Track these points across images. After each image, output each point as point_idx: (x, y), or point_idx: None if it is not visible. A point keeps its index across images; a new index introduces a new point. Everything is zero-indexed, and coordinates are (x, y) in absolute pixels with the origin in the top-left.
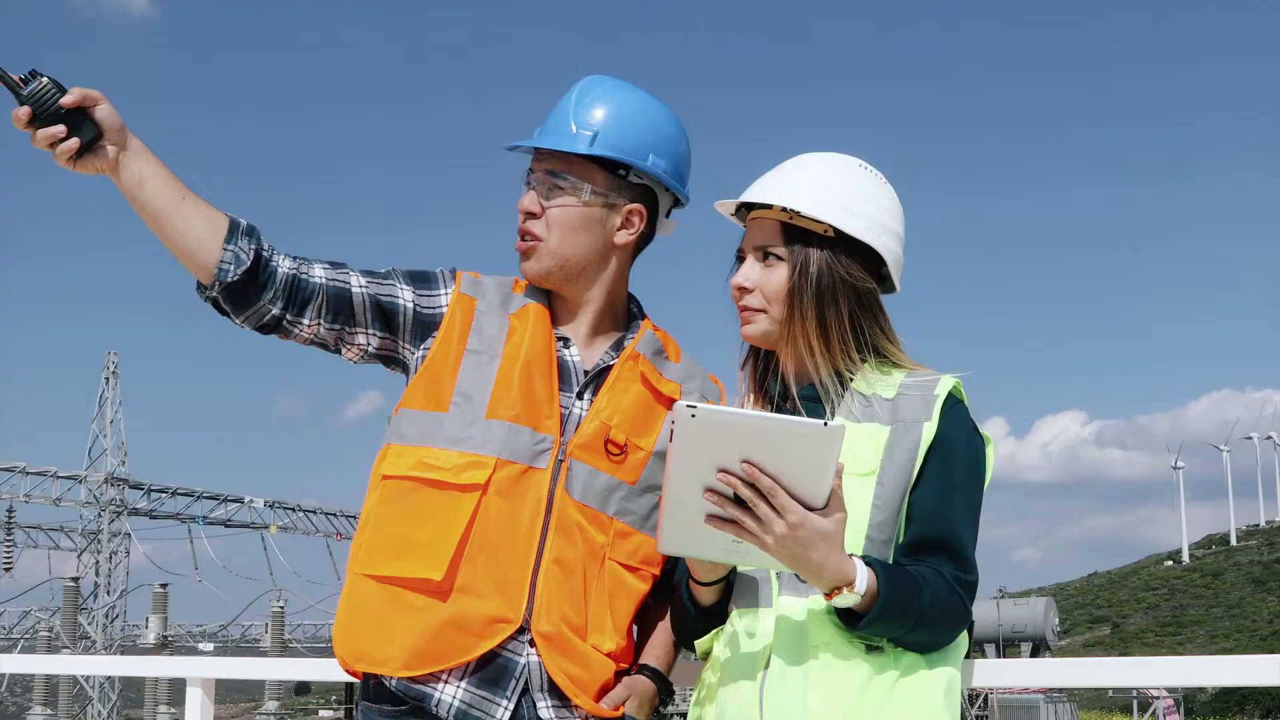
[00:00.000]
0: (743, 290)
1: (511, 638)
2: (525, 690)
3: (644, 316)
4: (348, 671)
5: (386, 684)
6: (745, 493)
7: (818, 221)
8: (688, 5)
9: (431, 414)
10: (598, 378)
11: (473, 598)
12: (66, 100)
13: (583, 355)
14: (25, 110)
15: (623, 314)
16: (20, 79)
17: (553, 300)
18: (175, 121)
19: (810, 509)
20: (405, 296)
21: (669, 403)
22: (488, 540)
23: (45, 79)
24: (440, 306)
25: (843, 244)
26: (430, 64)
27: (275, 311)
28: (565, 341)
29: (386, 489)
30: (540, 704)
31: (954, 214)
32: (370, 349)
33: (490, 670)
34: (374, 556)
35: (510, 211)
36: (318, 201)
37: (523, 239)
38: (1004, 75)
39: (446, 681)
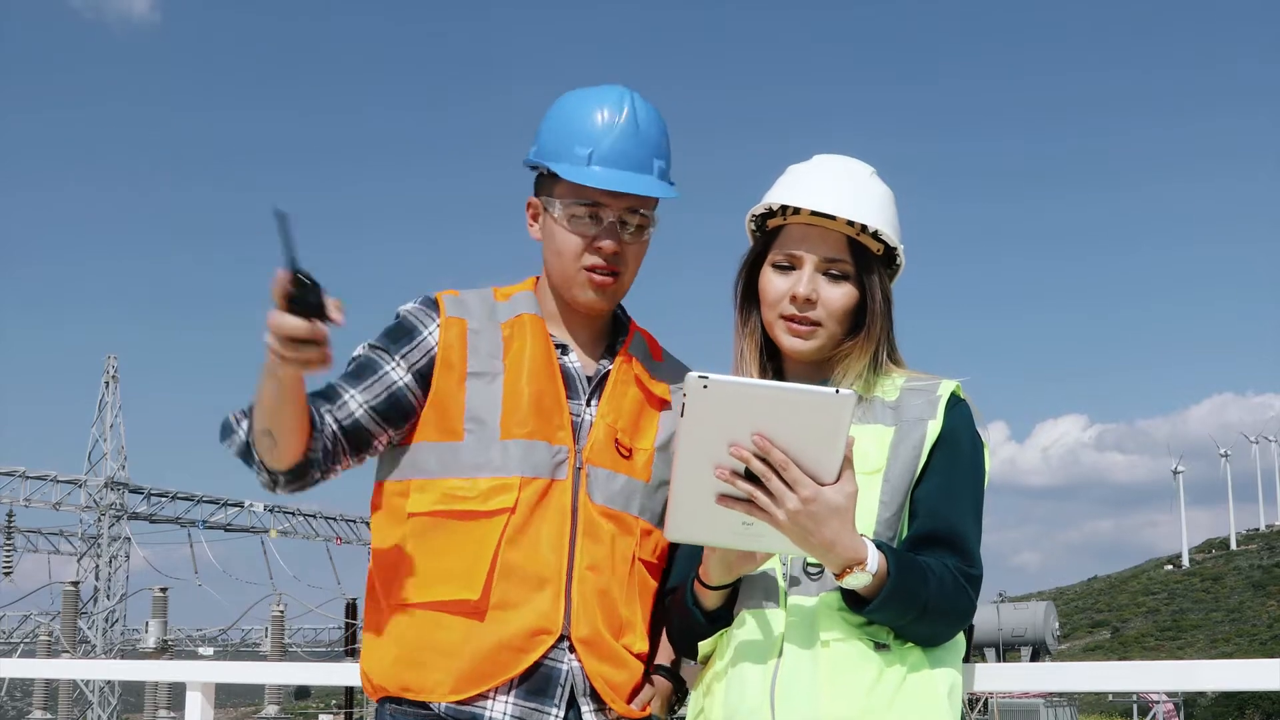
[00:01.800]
0: (809, 303)
1: (553, 646)
2: (571, 697)
3: (629, 318)
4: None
5: (433, 709)
6: (757, 466)
7: (878, 241)
8: (680, 8)
9: (448, 444)
10: (600, 383)
11: (512, 613)
12: (333, 315)
13: (582, 361)
14: (289, 303)
15: (611, 317)
16: (308, 279)
17: (544, 306)
18: (177, 125)
19: (821, 484)
20: (397, 374)
21: (660, 403)
22: (520, 556)
23: (319, 286)
24: (430, 348)
25: (885, 261)
26: (433, 67)
27: (316, 479)
28: (564, 349)
29: (414, 526)
30: (585, 709)
31: (954, 216)
32: (397, 440)
33: (535, 680)
34: (408, 588)
35: (515, 216)
36: (320, 204)
37: (605, 274)
38: (1004, 77)
39: (494, 698)
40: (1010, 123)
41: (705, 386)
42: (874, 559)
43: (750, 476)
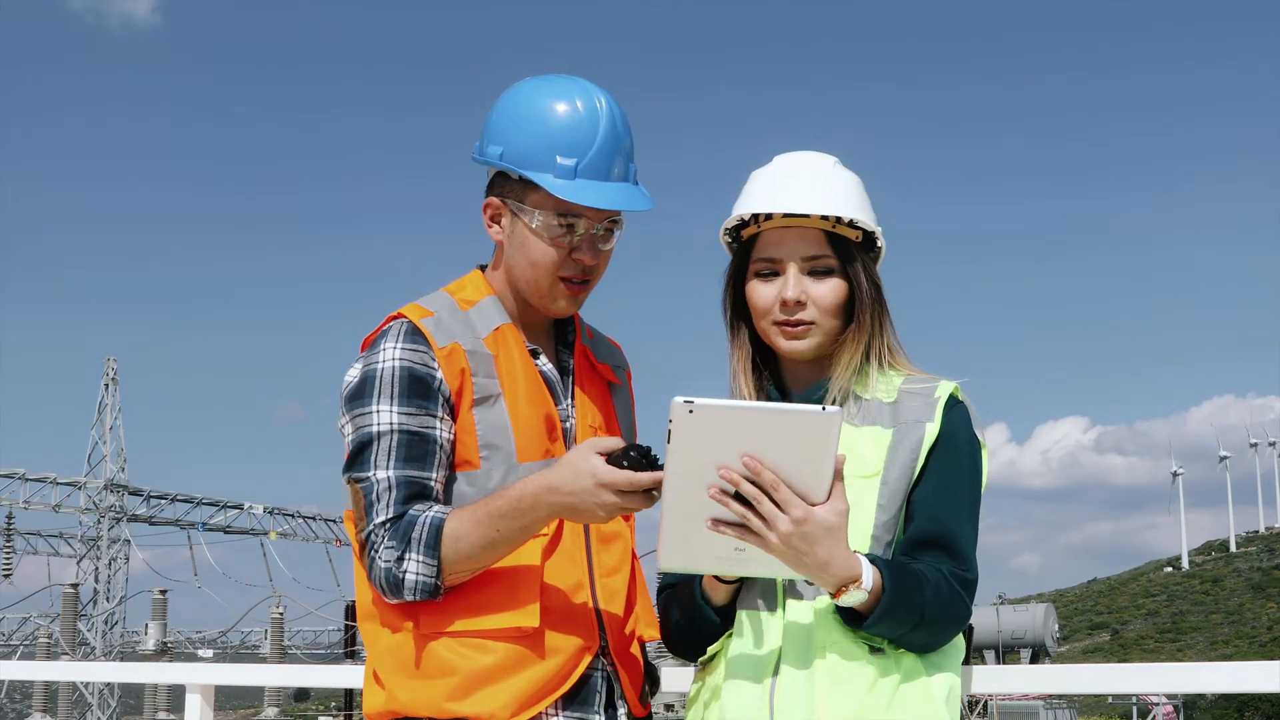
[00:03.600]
0: (798, 305)
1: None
2: (608, 699)
3: None
4: None
5: None
6: (748, 489)
7: (854, 229)
8: (657, 8)
9: (473, 473)
10: (565, 380)
11: (559, 632)
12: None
13: (551, 364)
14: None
15: None
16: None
17: (509, 310)
18: (178, 127)
19: (812, 504)
20: (443, 434)
21: (604, 384)
22: (556, 574)
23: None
24: (447, 393)
25: (866, 247)
26: (433, 69)
27: None
28: (535, 353)
29: None
30: (620, 711)
31: (954, 218)
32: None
33: (578, 690)
34: (451, 617)
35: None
36: (321, 205)
37: (580, 283)
38: (1006, 77)
39: (547, 716)
40: (1009, 123)
41: (691, 411)
42: (869, 575)
43: (741, 499)
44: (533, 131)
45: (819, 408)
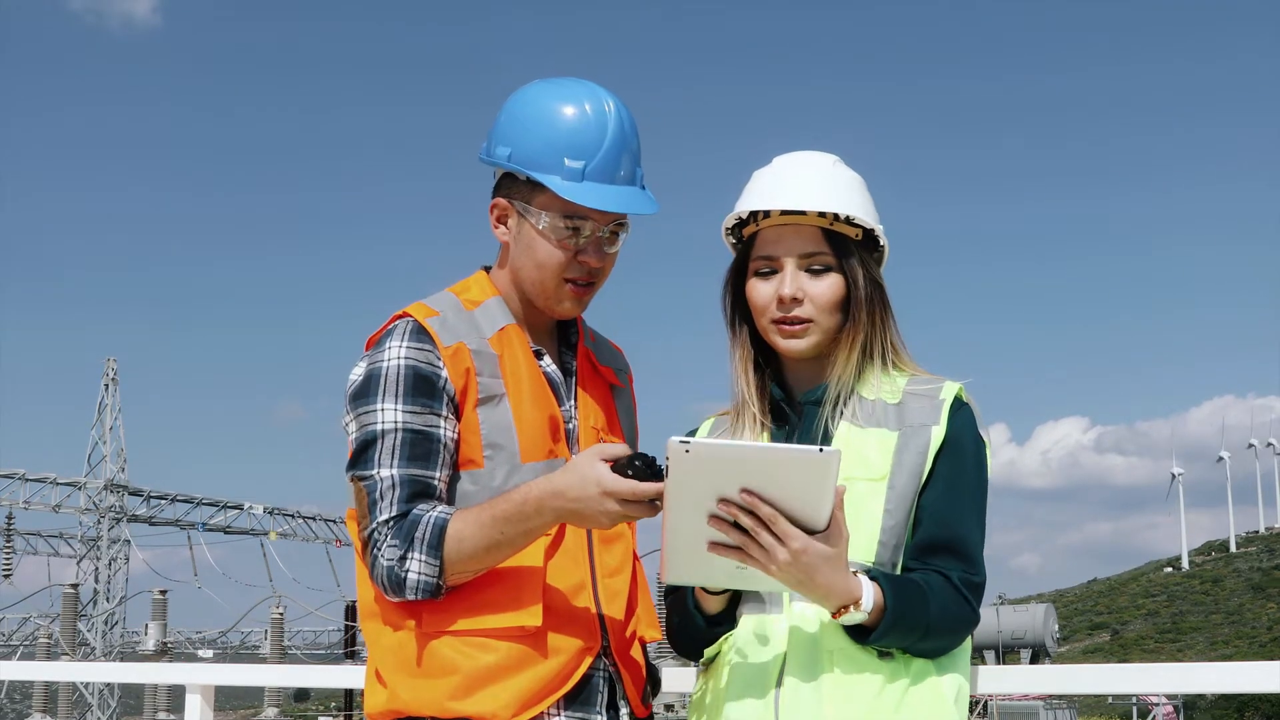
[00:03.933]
0: (795, 301)
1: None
2: (610, 700)
3: None
4: None
5: None
6: (746, 521)
7: (853, 226)
8: (657, 8)
9: (477, 472)
10: (568, 382)
11: (561, 632)
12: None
13: (555, 365)
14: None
15: None
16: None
17: (514, 311)
18: (178, 127)
19: (812, 533)
20: (448, 433)
21: (606, 386)
22: (557, 574)
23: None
24: (451, 392)
25: (867, 245)
26: (433, 69)
27: None
28: (539, 354)
29: None
30: (622, 711)
31: (954, 218)
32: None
33: (580, 690)
34: (454, 616)
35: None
36: (321, 205)
37: (585, 285)
38: (1005, 77)
39: (549, 716)
40: (1009, 123)
41: (687, 451)
42: (869, 597)
43: (741, 528)
44: (541, 133)
45: (816, 448)
